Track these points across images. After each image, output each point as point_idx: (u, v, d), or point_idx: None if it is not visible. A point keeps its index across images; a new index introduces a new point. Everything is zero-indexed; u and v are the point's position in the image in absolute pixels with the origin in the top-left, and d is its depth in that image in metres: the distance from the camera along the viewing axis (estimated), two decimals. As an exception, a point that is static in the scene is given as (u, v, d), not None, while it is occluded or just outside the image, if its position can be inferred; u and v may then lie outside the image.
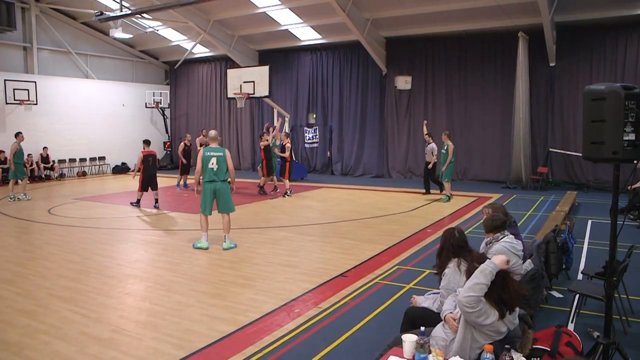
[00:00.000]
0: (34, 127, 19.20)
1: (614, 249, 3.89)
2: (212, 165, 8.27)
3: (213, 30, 19.51)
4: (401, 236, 9.30)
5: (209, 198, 8.38)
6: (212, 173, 8.29)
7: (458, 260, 4.04)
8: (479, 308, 3.15)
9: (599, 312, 5.22)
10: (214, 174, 8.30)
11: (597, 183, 15.27)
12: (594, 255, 7.81)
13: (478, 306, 3.14)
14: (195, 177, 8.48)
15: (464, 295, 3.20)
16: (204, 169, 8.27)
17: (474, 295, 3.16)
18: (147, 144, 13.07)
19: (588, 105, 3.68)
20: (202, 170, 8.29)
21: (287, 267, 7.35)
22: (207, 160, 8.27)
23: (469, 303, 3.14)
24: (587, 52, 15.49)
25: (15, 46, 19.37)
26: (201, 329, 5.10)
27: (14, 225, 10.85)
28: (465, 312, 3.19)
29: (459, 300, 3.21)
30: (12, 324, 5.28)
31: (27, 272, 7.21)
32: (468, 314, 3.18)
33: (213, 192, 8.37)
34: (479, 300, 3.15)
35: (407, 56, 18.55)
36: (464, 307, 3.17)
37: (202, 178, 8.35)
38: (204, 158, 8.28)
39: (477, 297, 3.15)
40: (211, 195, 8.37)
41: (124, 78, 23.49)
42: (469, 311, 3.15)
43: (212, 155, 8.31)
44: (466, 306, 3.16)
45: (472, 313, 3.15)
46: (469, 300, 3.15)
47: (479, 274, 3.23)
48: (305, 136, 20.96)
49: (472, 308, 3.14)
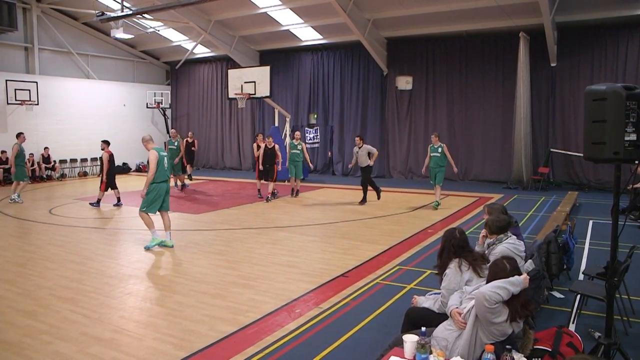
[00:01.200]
0: (35, 127, 19.23)
1: (615, 250, 3.88)
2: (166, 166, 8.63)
3: (214, 31, 19.53)
4: (402, 236, 9.29)
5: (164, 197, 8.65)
6: (166, 173, 8.66)
7: (459, 260, 4.05)
8: (496, 306, 3.21)
9: (600, 313, 5.22)
10: (167, 174, 8.72)
11: (598, 183, 15.26)
12: (595, 255, 7.81)
13: (495, 305, 3.21)
14: (149, 179, 8.38)
15: (490, 289, 3.26)
16: (160, 169, 8.45)
17: (500, 294, 3.23)
18: (107, 144, 13.18)
19: (589, 105, 3.67)
20: (157, 171, 8.44)
21: (288, 268, 7.35)
22: (162, 161, 8.50)
23: (491, 298, 3.21)
24: (588, 52, 15.48)
25: (16, 46, 19.39)
26: (202, 329, 5.10)
27: (15, 225, 10.86)
28: (483, 305, 3.23)
29: (482, 292, 3.25)
30: (13, 324, 5.28)
31: (28, 272, 7.22)
32: (484, 307, 3.22)
33: (166, 192, 8.69)
34: (500, 300, 3.23)
35: (408, 56, 18.54)
36: (484, 301, 3.22)
37: (156, 179, 8.45)
38: (160, 159, 8.47)
39: (501, 298, 3.23)
40: (165, 194, 8.67)
41: (125, 78, 23.52)
42: (487, 306, 3.21)
43: (164, 155, 8.62)
44: (487, 300, 3.21)
45: (488, 309, 3.21)
46: (493, 296, 3.22)
47: (509, 283, 3.30)
48: (306, 136, 20.92)
49: (490, 304, 3.20)
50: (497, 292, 3.23)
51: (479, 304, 3.25)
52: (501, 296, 3.22)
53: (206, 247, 8.64)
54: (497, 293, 3.23)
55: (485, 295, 3.22)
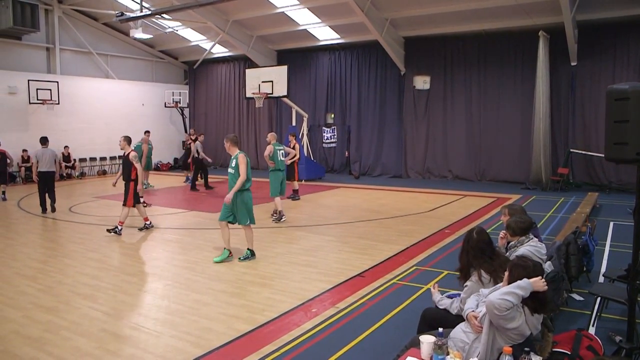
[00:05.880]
0: (56, 126, 19.53)
1: (638, 252, 3.83)
2: None
3: (232, 30, 19.63)
4: (419, 237, 9.25)
5: None
6: None
7: (479, 272, 3.96)
8: (507, 313, 3.14)
9: (621, 316, 5.14)
10: None
11: (620, 184, 15.00)
12: (616, 257, 7.68)
13: (506, 312, 3.14)
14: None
15: (498, 297, 3.18)
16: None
17: (510, 300, 3.15)
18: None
19: (611, 105, 3.62)
20: None
21: (305, 267, 7.36)
22: None
23: (501, 306, 3.13)
24: (609, 51, 15.23)
25: (38, 47, 19.72)
26: (219, 328, 5.14)
27: (36, 222, 11.04)
28: (493, 314, 3.16)
29: (491, 301, 3.19)
30: (34, 319, 5.37)
31: (49, 269, 7.34)
32: (495, 316, 3.16)
33: None
34: (511, 307, 3.15)
35: (425, 56, 18.44)
36: (494, 309, 3.15)
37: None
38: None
39: (511, 304, 3.15)
40: None
41: (144, 78, 23.76)
42: (497, 314, 3.14)
43: None
44: (497, 308, 3.14)
45: (499, 316, 3.14)
46: (502, 303, 3.14)
47: (517, 287, 3.23)
48: (323, 136, 20.98)
49: (501, 312, 3.13)
50: (506, 298, 3.16)
51: (490, 312, 3.20)
52: (511, 302, 3.15)
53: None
54: (506, 300, 3.15)
55: (494, 304, 3.15)
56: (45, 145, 12.07)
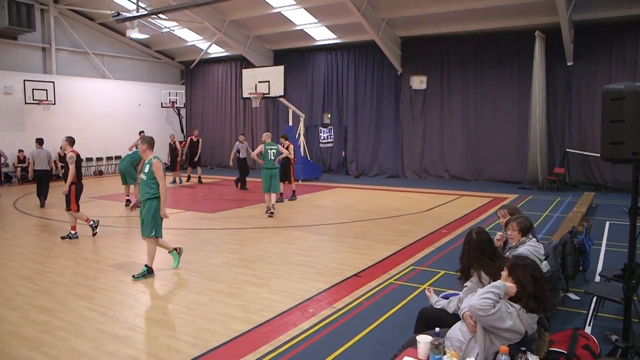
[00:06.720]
0: (52, 126, 19.44)
1: (633, 251, 3.85)
2: None
3: (228, 31, 19.62)
4: (416, 236, 9.26)
5: None
6: None
7: (479, 273, 3.96)
8: (493, 312, 3.15)
9: (617, 315, 5.15)
10: None
11: (616, 184, 15.04)
12: (612, 257, 7.71)
13: (491, 310, 3.15)
14: None
15: (477, 299, 3.23)
16: None
17: (490, 298, 3.19)
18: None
19: (607, 105, 3.64)
20: None
21: (302, 267, 7.36)
22: None
23: (482, 305, 3.16)
24: (605, 51, 15.27)
25: (34, 47, 19.66)
26: (216, 328, 5.13)
27: (32, 223, 11.01)
28: (479, 317, 3.19)
29: (472, 305, 3.23)
30: (31, 320, 5.36)
31: (45, 269, 7.32)
32: (483, 318, 3.18)
33: None
34: (492, 304, 3.17)
35: (422, 56, 18.46)
36: (478, 312, 3.18)
37: None
38: None
39: (492, 301, 3.18)
40: None
41: (140, 78, 23.71)
42: (483, 315, 3.16)
43: None
44: (479, 309, 3.17)
45: (486, 317, 3.16)
46: (483, 302, 3.17)
47: (493, 287, 3.30)
48: (320, 136, 20.98)
49: (485, 312, 3.15)
50: (485, 297, 3.20)
51: (476, 316, 3.24)
52: (491, 299, 3.18)
53: (220, 245, 8.68)
54: (486, 298, 3.19)
55: (476, 307, 3.18)
56: (41, 146, 13.03)
